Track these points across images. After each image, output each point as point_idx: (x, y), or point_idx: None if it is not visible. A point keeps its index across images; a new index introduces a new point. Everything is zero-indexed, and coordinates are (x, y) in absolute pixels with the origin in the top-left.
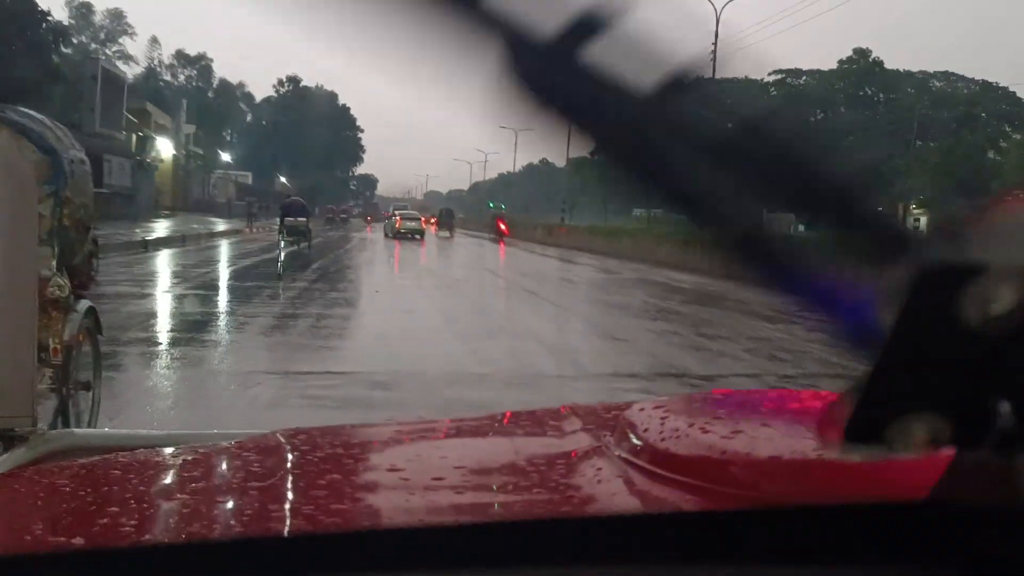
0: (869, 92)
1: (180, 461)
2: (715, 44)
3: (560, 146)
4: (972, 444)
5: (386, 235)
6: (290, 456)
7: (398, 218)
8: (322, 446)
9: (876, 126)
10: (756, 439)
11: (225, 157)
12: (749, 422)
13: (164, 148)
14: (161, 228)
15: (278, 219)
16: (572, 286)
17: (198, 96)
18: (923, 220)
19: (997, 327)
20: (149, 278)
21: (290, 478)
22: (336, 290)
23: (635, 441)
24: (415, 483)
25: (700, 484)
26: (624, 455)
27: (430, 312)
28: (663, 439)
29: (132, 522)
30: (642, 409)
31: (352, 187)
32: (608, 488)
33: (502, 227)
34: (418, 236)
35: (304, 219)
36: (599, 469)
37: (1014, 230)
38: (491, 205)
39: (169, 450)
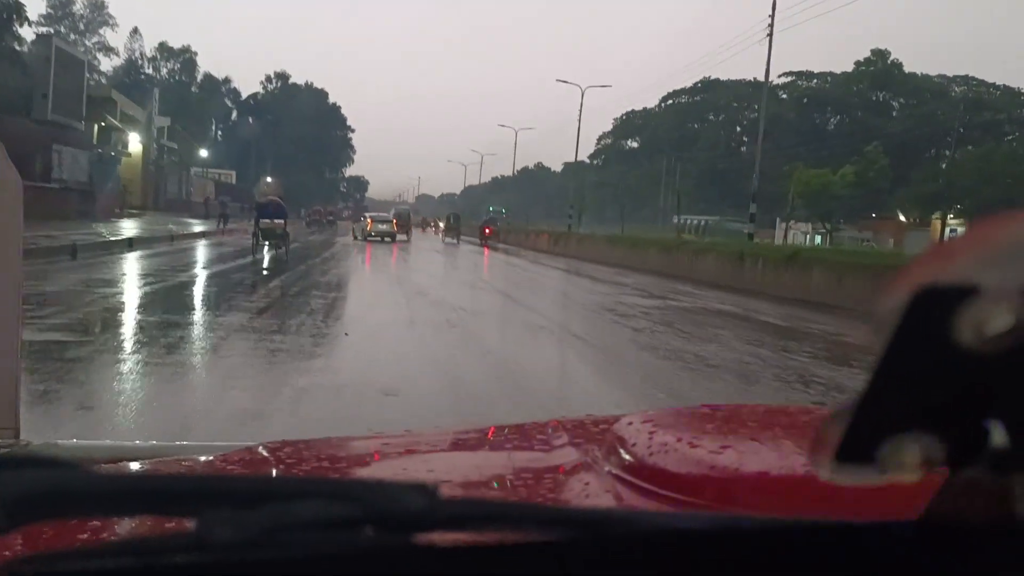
0: (887, 96)
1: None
2: (772, 16)
3: None
4: (964, 464)
5: (355, 237)
6: (275, 469)
7: (368, 220)
8: (308, 459)
9: (896, 133)
10: (744, 454)
11: (205, 154)
12: (737, 437)
13: (132, 141)
14: (114, 230)
15: (253, 221)
16: (630, 326)
17: (180, 90)
18: (960, 232)
19: (989, 347)
20: (27, 304)
21: None
22: (283, 331)
23: (624, 456)
24: None
25: (688, 499)
26: (612, 470)
27: (430, 391)
28: (651, 454)
29: (113, 536)
30: (631, 423)
31: (342, 189)
32: (596, 503)
33: (487, 231)
34: (388, 239)
35: (282, 221)
36: (587, 484)
37: (1008, 250)
38: (491, 210)
39: (153, 462)
